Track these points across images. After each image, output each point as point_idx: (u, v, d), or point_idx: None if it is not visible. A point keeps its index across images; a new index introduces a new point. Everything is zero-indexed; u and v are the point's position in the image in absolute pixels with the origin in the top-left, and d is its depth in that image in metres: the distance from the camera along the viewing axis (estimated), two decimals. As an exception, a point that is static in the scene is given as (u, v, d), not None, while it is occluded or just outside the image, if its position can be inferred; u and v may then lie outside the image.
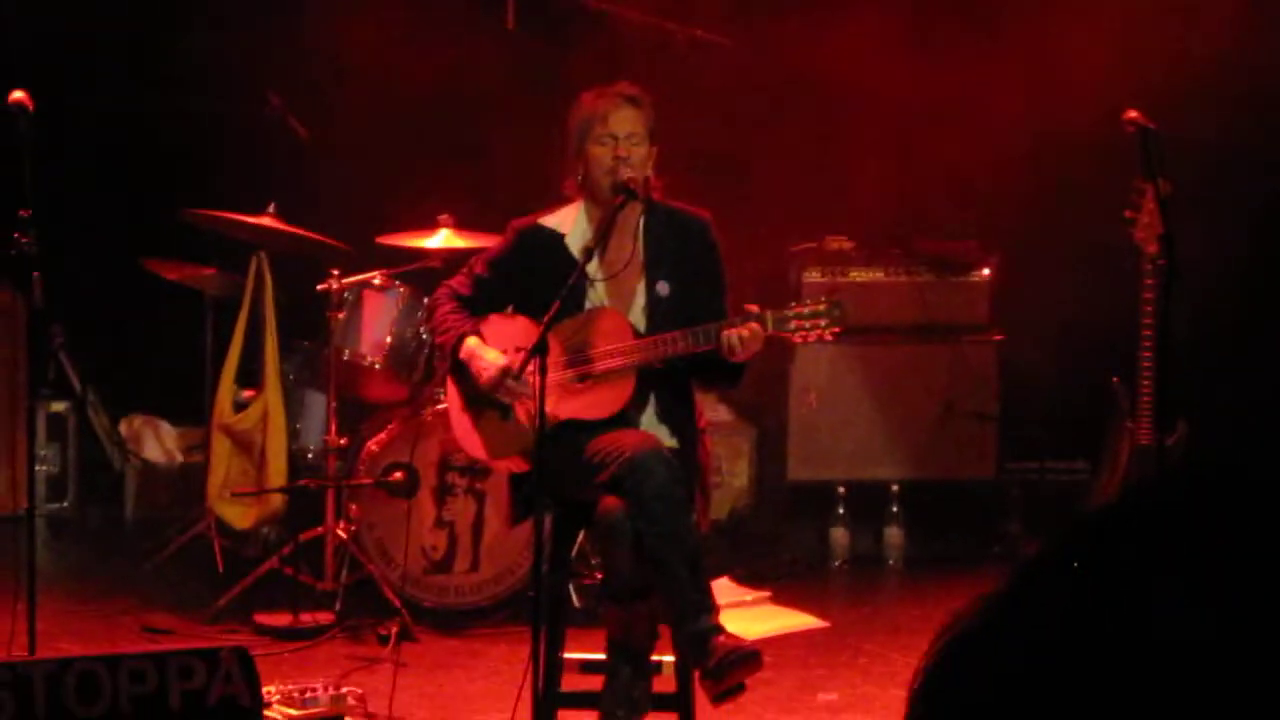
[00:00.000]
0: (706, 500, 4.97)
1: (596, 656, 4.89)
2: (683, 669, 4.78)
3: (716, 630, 4.57)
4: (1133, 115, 5.72)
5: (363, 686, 5.42)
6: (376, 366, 6.67)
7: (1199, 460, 3.40)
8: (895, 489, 7.53)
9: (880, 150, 7.71)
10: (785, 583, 7.05)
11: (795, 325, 4.78)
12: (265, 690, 4.71)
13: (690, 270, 4.99)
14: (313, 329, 6.88)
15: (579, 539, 5.60)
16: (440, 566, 6.45)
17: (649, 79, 5.26)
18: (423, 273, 6.66)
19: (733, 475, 7.91)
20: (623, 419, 4.87)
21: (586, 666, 4.95)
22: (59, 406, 8.01)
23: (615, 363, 4.86)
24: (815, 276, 7.78)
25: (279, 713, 5.04)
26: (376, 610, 6.30)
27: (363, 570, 6.41)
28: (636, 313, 4.95)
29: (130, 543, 7.44)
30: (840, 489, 7.54)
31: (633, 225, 4.96)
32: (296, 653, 6.03)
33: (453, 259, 6.41)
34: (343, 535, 6.47)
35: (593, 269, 4.94)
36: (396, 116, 7.94)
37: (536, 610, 4.54)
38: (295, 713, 5.06)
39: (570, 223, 5.03)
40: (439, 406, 6.26)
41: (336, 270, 6.59)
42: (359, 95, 7.71)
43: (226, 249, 7.01)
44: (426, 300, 5.41)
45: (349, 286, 6.61)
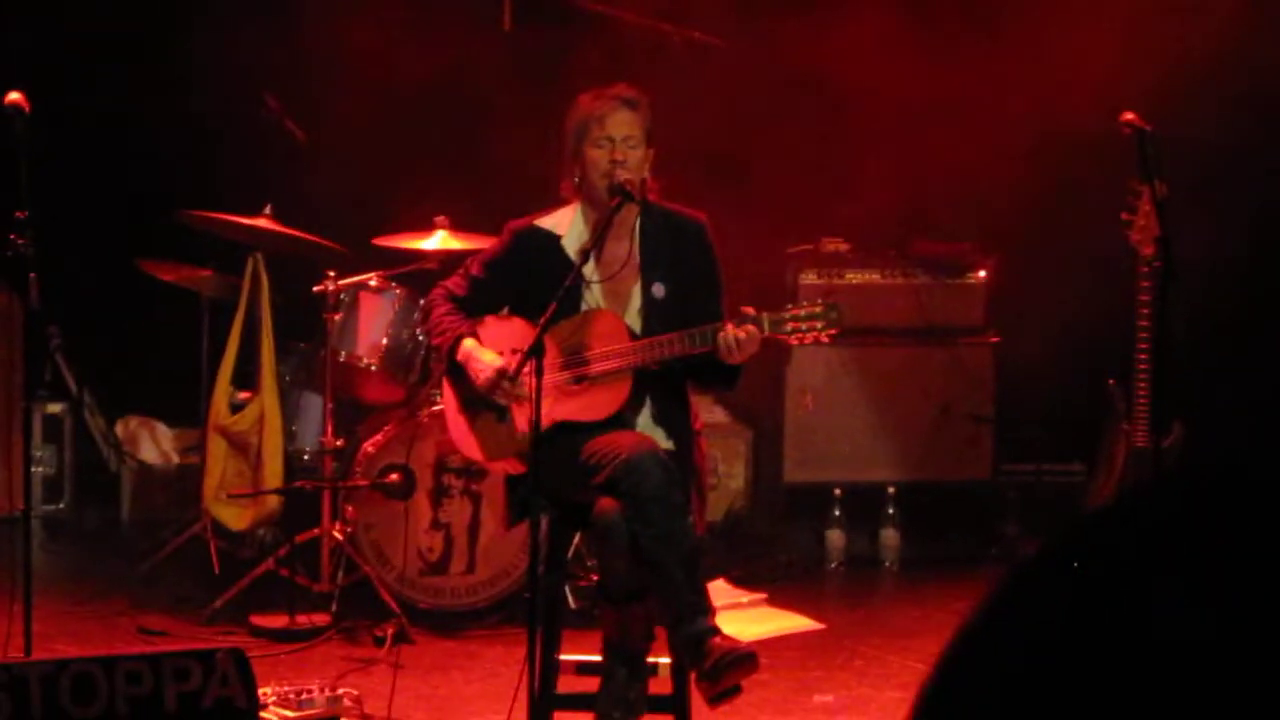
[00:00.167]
0: (702, 502, 4.96)
1: (592, 658, 4.89)
2: (679, 671, 4.78)
3: (712, 632, 4.56)
4: (1129, 117, 5.72)
5: (359, 688, 5.42)
6: (373, 368, 6.67)
7: (1196, 462, 3.39)
8: (891, 491, 7.52)
9: (878, 151, 7.70)
10: (781, 584, 7.04)
11: (792, 327, 4.77)
12: (261, 692, 4.71)
13: (686, 272, 4.98)
14: (309, 330, 6.88)
15: (575, 541, 5.60)
16: (436, 568, 6.45)
17: (646, 80, 5.25)
18: (419, 274, 6.65)
19: (729, 477, 7.91)
20: (619, 421, 4.87)
21: (582, 668, 4.95)
22: (55, 408, 8.01)
23: (611, 365, 4.86)
24: (812, 278, 7.78)
25: (275, 714, 5.04)
26: (373, 612, 6.30)
27: (359, 572, 6.40)
28: (632, 314, 4.94)
29: (126, 544, 7.43)
30: (836, 491, 7.53)
31: (629, 227, 4.95)
32: (292, 654, 6.03)
33: (449, 260, 6.41)
34: (339, 537, 6.46)
35: (589, 271, 4.93)
36: (393, 118, 7.93)
37: (532, 612, 4.53)
38: (291, 714, 5.06)
39: (567, 224, 5.03)
40: (435, 408, 6.26)
41: (333, 272, 6.59)
42: (356, 97, 7.70)
43: (223, 250, 7.00)
44: (422, 302, 5.40)
45: (345, 288, 6.61)
